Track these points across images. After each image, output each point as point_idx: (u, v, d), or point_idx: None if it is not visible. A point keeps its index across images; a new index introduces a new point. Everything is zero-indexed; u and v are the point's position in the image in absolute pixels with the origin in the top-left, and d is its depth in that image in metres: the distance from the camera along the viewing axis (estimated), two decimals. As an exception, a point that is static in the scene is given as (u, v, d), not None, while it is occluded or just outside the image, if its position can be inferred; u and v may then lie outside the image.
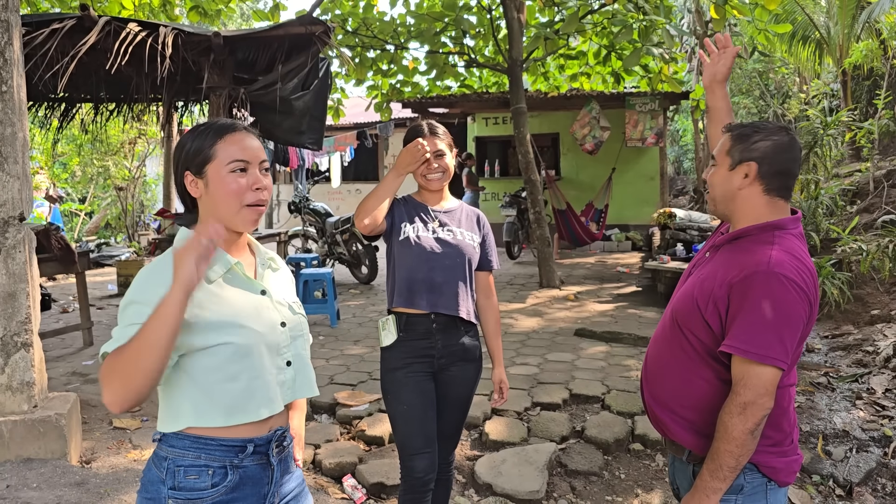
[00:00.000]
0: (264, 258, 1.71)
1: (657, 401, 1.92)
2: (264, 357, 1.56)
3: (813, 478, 3.90)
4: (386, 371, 2.66)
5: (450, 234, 2.65)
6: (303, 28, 4.62)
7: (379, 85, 11.22)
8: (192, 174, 1.58)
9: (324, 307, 7.18)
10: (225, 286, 1.56)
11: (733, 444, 1.67)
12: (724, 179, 1.86)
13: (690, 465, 1.86)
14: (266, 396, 1.56)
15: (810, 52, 13.84)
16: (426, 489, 2.62)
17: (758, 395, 1.65)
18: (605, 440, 4.15)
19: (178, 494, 1.49)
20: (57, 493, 3.18)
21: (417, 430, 2.60)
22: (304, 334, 1.70)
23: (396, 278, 2.64)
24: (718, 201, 1.89)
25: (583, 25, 8.85)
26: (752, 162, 1.80)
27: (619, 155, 12.13)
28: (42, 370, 3.67)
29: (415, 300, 2.58)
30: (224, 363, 1.50)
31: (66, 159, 13.66)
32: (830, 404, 4.73)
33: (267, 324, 1.58)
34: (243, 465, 1.54)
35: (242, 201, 1.56)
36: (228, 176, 1.55)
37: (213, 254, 1.38)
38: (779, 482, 1.79)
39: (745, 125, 1.87)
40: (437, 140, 2.62)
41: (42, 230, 5.82)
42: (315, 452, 4.01)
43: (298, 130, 5.67)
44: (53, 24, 4.03)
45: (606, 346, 6.09)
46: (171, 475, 1.50)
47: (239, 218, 1.57)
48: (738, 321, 1.68)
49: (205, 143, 1.57)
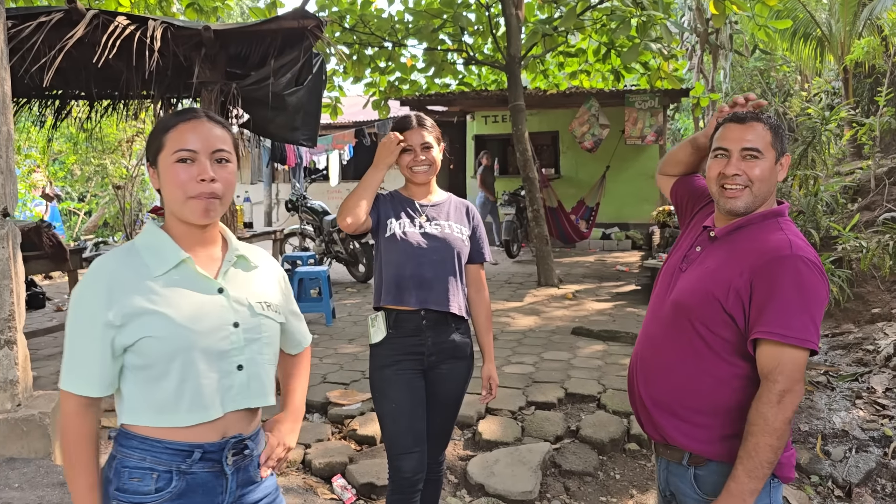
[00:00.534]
0: (232, 255, 1.62)
1: (656, 403, 1.85)
2: (198, 359, 1.46)
3: (811, 478, 3.84)
4: (375, 368, 2.61)
5: (437, 228, 2.59)
6: (295, 22, 4.53)
7: (377, 82, 11.16)
8: (150, 165, 1.55)
9: (319, 305, 7.12)
10: (168, 281, 1.49)
11: (774, 437, 1.61)
12: (771, 174, 1.79)
13: (691, 469, 1.79)
14: (198, 402, 1.46)
15: (811, 49, 13.77)
16: (414, 489, 2.56)
17: (794, 382, 1.61)
18: (600, 440, 4.09)
19: (122, 496, 1.43)
20: (38, 494, 3.12)
21: (406, 429, 2.54)
22: (263, 338, 1.58)
23: (384, 275, 2.59)
24: (761, 199, 1.79)
25: (581, 22, 8.79)
26: (787, 154, 1.81)
27: (614, 153, 12.07)
28: (26, 368, 3.61)
29: (404, 297, 2.53)
30: (151, 361, 1.44)
31: (63, 157, 13.61)
32: (830, 404, 4.66)
33: (211, 324, 1.49)
34: (192, 471, 1.46)
35: (186, 193, 1.48)
36: (172, 166, 1.49)
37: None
38: (782, 478, 1.76)
39: (764, 115, 1.82)
40: (423, 132, 2.57)
41: (33, 227, 5.77)
42: (305, 452, 3.95)
43: (292, 127, 5.60)
44: (40, 17, 3.96)
45: (604, 344, 6.02)
46: (116, 475, 1.45)
47: (186, 210, 1.50)
48: (770, 307, 1.64)
49: (158, 133, 1.52)
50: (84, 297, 1.46)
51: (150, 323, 1.43)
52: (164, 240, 1.53)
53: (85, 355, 1.45)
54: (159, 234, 1.54)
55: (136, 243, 1.55)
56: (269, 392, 1.59)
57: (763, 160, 1.76)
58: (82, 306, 1.46)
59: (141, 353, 1.44)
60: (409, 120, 2.59)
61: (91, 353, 1.44)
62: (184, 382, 1.45)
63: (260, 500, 1.59)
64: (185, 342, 1.44)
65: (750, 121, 1.78)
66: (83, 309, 1.46)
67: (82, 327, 1.45)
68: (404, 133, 2.57)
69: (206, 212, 1.50)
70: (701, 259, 1.84)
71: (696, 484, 1.79)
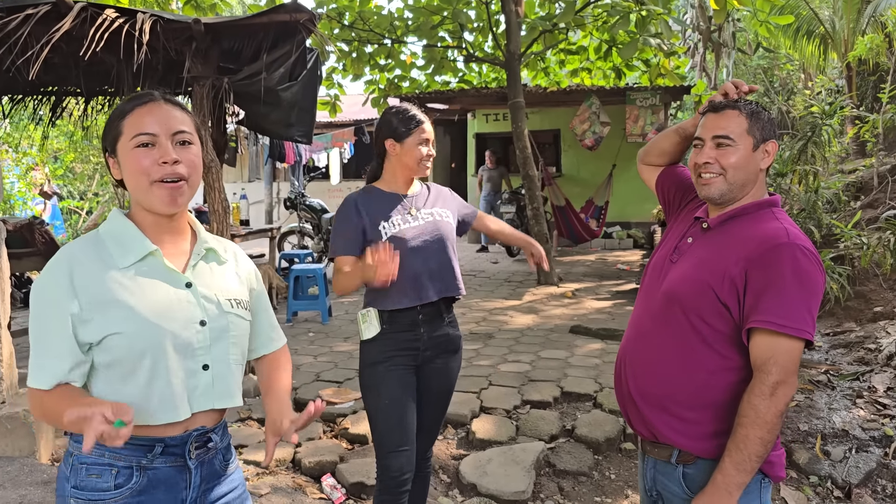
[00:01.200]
0: (201, 247, 1.55)
1: (645, 397, 1.79)
2: (169, 357, 1.40)
3: (810, 478, 3.77)
4: (366, 365, 2.54)
5: (429, 217, 2.56)
6: (287, 16, 4.48)
7: (376, 80, 11.10)
8: (109, 155, 1.47)
9: (315, 303, 7.07)
10: (135, 275, 1.42)
11: (765, 430, 1.56)
12: (747, 161, 1.73)
13: (679, 467, 1.74)
14: (168, 402, 1.41)
15: (815, 47, 13.68)
16: (403, 489, 2.51)
17: (788, 374, 1.57)
18: (595, 439, 4.02)
19: (80, 494, 1.37)
20: (21, 493, 3.07)
21: (396, 426, 2.49)
22: (230, 336, 1.51)
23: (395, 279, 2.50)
24: (738, 186, 1.74)
25: (581, 19, 8.72)
26: (773, 140, 1.75)
27: (619, 151, 11.98)
28: (11, 365, 3.56)
29: (421, 294, 2.48)
30: (119, 358, 1.37)
31: (62, 155, 13.58)
32: (830, 403, 4.58)
33: (180, 320, 1.43)
34: (153, 466, 1.40)
35: (150, 177, 1.42)
36: (132, 152, 1.42)
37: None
38: (773, 477, 1.71)
39: (747, 102, 1.77)
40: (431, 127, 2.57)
41: (26, 224, 5.74)
42: (295, 451, 3.89)
43: (287, 123, 5.54)
44: (27, 9, 3.91)
45: (602, 343, 5.96)
46: (74, 472, 1.39)
47: (151, 197, 1.43)
48: (767, 296, 1.59)
49: (115, 119, 1.45)
50: (47, 286, 1.39)
51: (117, 318, 1.37)
52: (131, 229, 1.46)
53: (54, 347, 1.37)
54: (125, 223, 1.47)
55: (101, 232, 1.47)
56: (234, 393, 1.53)
57: (736, 147, 1.72)
58: (45, 296, 1.39)
59: (108, 350, 1.37)
60: (423, 114, 2.56)
61: (60, 343, 1.36)
62: (153, 380, 1.39)
63: (226, 494, 1.54)
64: (154, 339, 1.39)
65: (724, 109, 1.76)
66: (47, 299, 1.39)
67: (48, 318, 1.38)
68: (421, 126, 2.52)
69: (172, 199, 1.44)
70: (692, 250, 1.79)
71: (684, 482, 1.74)
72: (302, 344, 6.10)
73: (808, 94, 13.36)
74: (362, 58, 10.23)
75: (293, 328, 6.71)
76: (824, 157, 6.85)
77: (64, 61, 5.10)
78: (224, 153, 6.20)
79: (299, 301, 7.14)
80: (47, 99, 6.80)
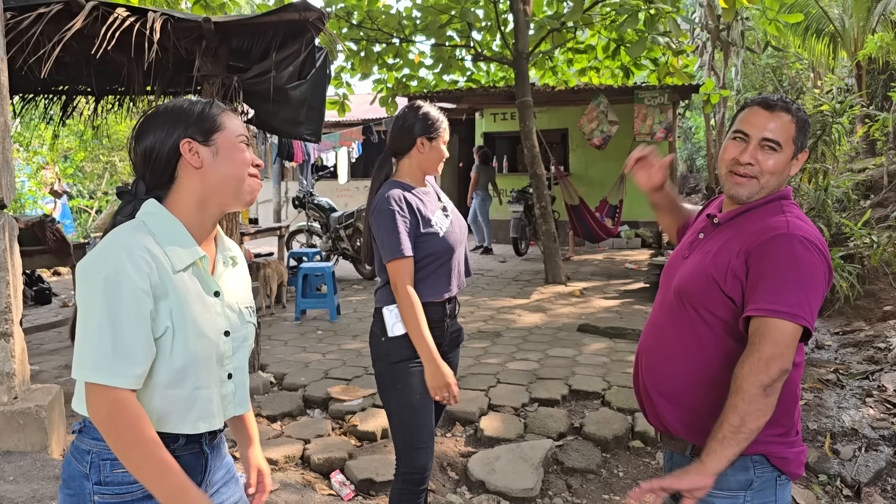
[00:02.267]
0: (225, 254, 1.56)
1: (659, 391, 1.80)
2: (213, 366, 1.43)
3: (819, 477, 3.75)
4: (395, 361, 2.48)
5: (451, 210, 2.64)
6: (296, 14, 4.49)
7: (385, 79, 11.12)
8: (197, 142, 1.44)
9: (323, 302, 7.09)
10: (186, 280, 1.41)
11: (745, 401, 1.53)
12: (784, 168, 1.73)
13: (694, 460, 1.73)
14: (207, 410, 1.44)
15: (824, 45, 13.61)
16: (424, 486, 2.52)
17: (779, 350, 1.53)
18: (603, 437, 4.02)
19: (105, 490, 1.37)
20: (33, 487, 3.09)
21: (424, 422, 2.49)
22: (246, 345, 1.56)
23: (442, 271, 2.50)
24: (767, 189, 1.73)
25: (590, 17, 8.71)
26: (806, 150, 1.76)
27: (630, 150, 11.93)
28: (24, 361, 3.59)
29: (453, 285, 2.54)
30: (169, 363, 1.37)
31: (72, 154, 13.65)
32: (839, 402, 4.57)
33: (218, 330, 1.45)
34: (176, 455, 1.41)
35: (247, 172, 1.50)
36: (238, 146, 1.48)
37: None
38: (789, 474, 1.70)
39: (794, 106, 1.74)
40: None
41: (37, 222, 5.78)
42: (304, 447, 3.91)
43: (296, 121, 5.56)
44: (39, 8, 3.94)
45: (610, 341, 5.95)
46: (95, 469, 1.37)
47: (244, 188, 1.49)
48: (761, 284, 1.59)
49: (210, 112, 1.47)
50: (123, 271, 1.29)
51: (178, 318, 1.36)
52: (181, 229, 1.43)
53: (132, 340, 1.30)
54: (173, 220, 1.43)
55: (150, 227, 1.40)
56: (248, 399, 1.59)
57: (780, 154, 1.70)
58: (123, 282, 1.29)
59: (163, 353, 1.35)
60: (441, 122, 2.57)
61: (140, 337, 1.30)
62: (198, 389, 1.41)
63: (223, 476, 1.60)
64: (203, 347, 1.39)
65: (778, 109, 1.71)
66: (125, 285, 1.29)
67: (128, 307, 1.29)
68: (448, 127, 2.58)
69: (254, 195, 1.52)
70: (703, 245, 1.80)
71: None
72: (310, 342, 6.12)
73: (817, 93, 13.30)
74: (370, 57, 10.25)
75: (301, 326, 6.73)
76: (834, 155, 6.82)
77: (75, 60, 5.13)
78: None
79: (308, 299, 7.16)
80: (58, 98, 6.85)
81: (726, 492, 1.70)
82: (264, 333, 6.26)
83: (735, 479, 1.69)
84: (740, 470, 1.68)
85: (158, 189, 1.47)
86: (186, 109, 1.47)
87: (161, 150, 1.44)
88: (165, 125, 1.45)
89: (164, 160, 1.45)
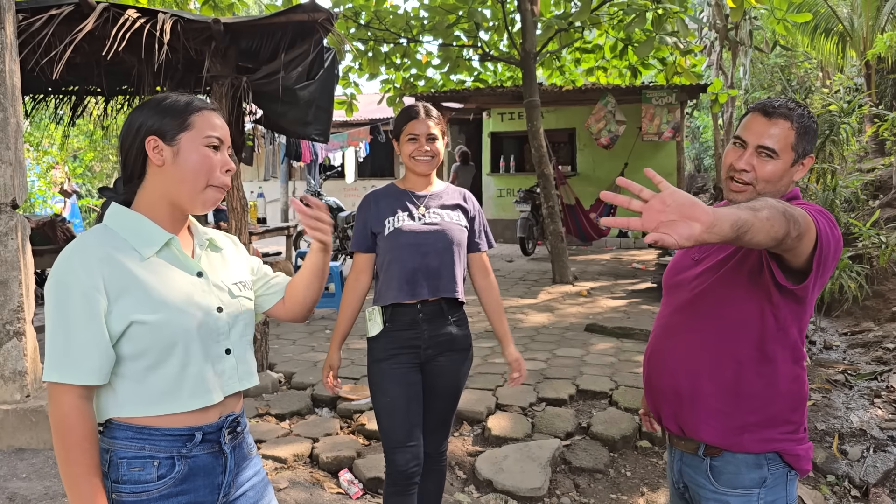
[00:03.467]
0: (202, 238, 1.58)
1: (677, 393, 1.80)
2: (196, 344, 1.44)
3: (827, 478, 3.75)
4: (371, 362, 2.59)
5: (437, 217, 2.57)
6: (305, 15, 4.52)
7: (392, 79, 11.14)
8: (162, 140, 1.45)
9: (331, 301, 7.11)
10: (156, 264, 1.44)
11: (767, 203, 1.38)
12: (782, 175, 1.71)
13: (707, 460, 1.76)
14: (201, 387, 1.45)
15: (833, 44, 13.55)
16: (410, 482, 2.55)
17: (803, 219, 1.44)
18: (611, 437, 4.03)
19: (123, 488, 1.40)
20: (45, 484, 3.13)
21: (400, 424, 2.52)
22: (244, 319, 1.57)
23: (391, 272, 2.54)
24: (770, 194, 1.68)
25: (597, 17, 8.71)
26: (811, 156, 1.73)
27: (632, 150, 11.93)
28: (36, 359, 3.62)
29: (416, 290, 2.50)
30: (147, 348, 1.39)
31: (82, 154, 13.73)
32: (847, 402, 4.56)
33: (201, 308, 1.46)
34: (192, 454, 1.44)
35: (210, 180, 1.47)
36: (204, 149, 1.46)
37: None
38: (800, 470, 1.73)
39: (798, 112, 1.70)
40: (430, 122, 2.56)
41: (48, 222, 5.83)
42: (313, 446, 3.93)
43: (304, 121, 5.59)
44: (51, 9, 3.98)
45: (617, 341, 5.96)
46: (113, 468, 1.40)
47: (201, 197, 1.48)
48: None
49: (182, 110, 1.47)
50: (71, 273, 1.35)
51: (146, 307, 1.38)
52: (144, 221, 1.46)
53: (83, 337, 1.34)
54: (135, 215, 1.47)
55: (110, 225, 1.45)
56: (254, 372, 1.60)
57: (777, 161, 1.69)
58: (71, 283, 1.35)
59: (136, 340, 1.38)
60: (417, 109, 2.57)
61: (90, 333, 1.34)
62: (186, 367, 1.43)
63: (251, 477, 1.60)
64: (185, 326, 1.42)
65: (777, 116, 1.69)
66: (73, 286, 1.35)
67: (75, 306, 1.34)
68: (410, 122, 2.55)
69: (216, 203, 1.51)
70: (716, 250, 1.79)
71: (711, 475, 1.76)
72: (318, 341, 6.14)
73: (826, 93, 13.26)
74: (378, 57, 10.28)
75: (309, 325, 6.75)
76: (842, 155, 6.80)
77: (86, 61, 5.17)
78: (242, 152, 6.26)
79: (315, 299, 7.18)
80: (68, 98, 6.89)
81: (740, 490, 1.72)
82: (273, 333, 6.28)
83: (749, 477, 1.71)
84: (754, 468, 1.71)
85: (131, 183, 1.49)
86: (164, 106, 1.48)
87: (132, 145, 1.47)
88: (139, 119, 1.47)
89: (134, 155, 1.47)
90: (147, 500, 1.40)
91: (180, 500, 1.43)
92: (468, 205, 2.68)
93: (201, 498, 1.47)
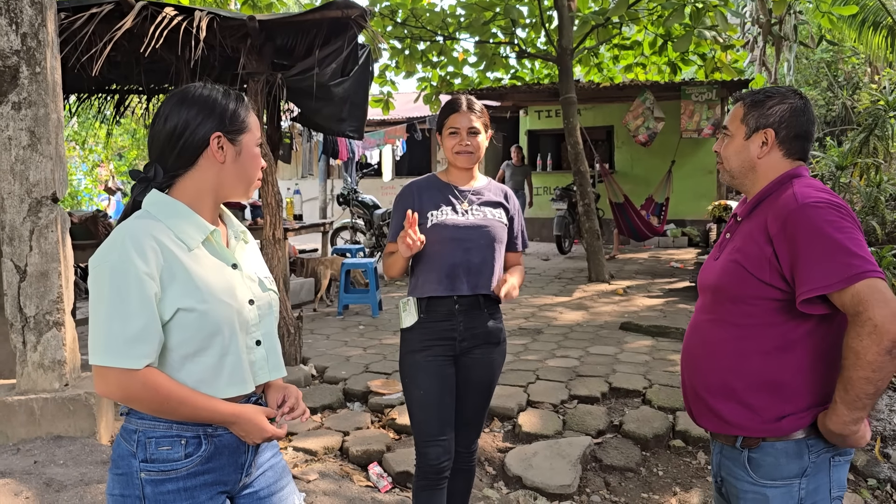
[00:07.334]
0: (236, 230, 1.63)
1: (708, 389, 1.81)
2: (237, 333, 1.48)
3: (868, 481, 3.65)
4: (405, 353, 2.58)
5: (480, 214, 2.56)
6: (339, 12, 4.55)
7: (429, 77, 11.16)
8: (226, 138, 1.50)
9: (366, 297, 7.16)
10: (200, 255, 1.48)
11: (869, 370, 1.52)
12: (739, 149, 1.84)
13: (744, 452, 1.75)
14: (238, 376, 1.50)
15: (882, 38, 13.17)
16: (440, 476, 2.54)
17: (884, 306, 1.49)
18: (643, 435, 3.97)
19: (151, 467, 1.43)
20: (81, 471, 3.20)
21: (433, 417, 2.51)
22: (273, 312, 1.63)
23: (431, 266, 2.52)
24: (736, 173, 1.86)
25: (635, 13, 8.60)
26: (769, 129, 1.79)
27: (677, 147, 11.71)
28: (75, 349, 3.71)
29: (456, 285, 2.49)
30: (190, 337, 1.43)
31: (126, 152, 14.05)
32: (891, 405, 4.42)
33: (239, 298, 1.51)
34: (218, 433, 1.48)
35: (258, 175, 1.61)
36: (256, 149, 1.58)
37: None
38: (845, 449, 1.71)
39: (757, 91, 1.84)
40: (472, 116, 2.53)
41: (90, 217, 5.97)
42: (343, 439, 3.95)
43: (339, 118, 5.64)
44: (92, 8, 4.07)
45: (652, 340, 5.88)
46: (142, 448, 1.44)
47: (249, 190, 1.59)
48: (800, 266, 1.60)
49: (241, 111, 1.54)
50: (126, 259, 1.36)
51: (192, 296, 1.41)
52: (187, 211, 1.49)
53: (140, 321, 1.36)
54: (178, 204, 1.49)
55: (155, 214, 1.46)
56: (282, 364, 1.65)
57: (731, 137, 1.85)
58: (127, 269, 1.36)
59: (181, 328, 1.42)
60: (459, 102, 2.55)
61: (147, 317, 1.37)
62: (225, 356, 1.47)
63: (270, 458, 1.65)
64: (227, 316, 1.46)
65: (736, 103, 1.89)
66: (129, 272, 1.36)
67: (133, 292, 1.35)
68: (452, 115, 2.53)
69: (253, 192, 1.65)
70: (729, 243, 1.86)
71: (749, 466, 1.75)
72: (352, 336, 6.19)
73: (874, 89, 12.89)
74: (415, 55, 10.31)
75: (344, 321, 6.80)
76: (888, 150, 6.60)
77: (126, 59, 5.29)
78: (278, 149, 6.33)
79: (350, 294, 7.24)
80: (111, 97, 7.06)
81: (780, 481, 1.71)
82: (307, 327, 6.34)
83: (788, 469, 1.70)
84: (794, 458, 1.70)
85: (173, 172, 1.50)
86: (220, 102, 1.51)
87: (191, 137, 1.48)
88: (198, 112, 1.48)
89: (193, 147, 1.49)
90: (175, 478, 1.44)
91: (206, 479, 1.47)
92: (509, 204, 2.67)
93: (226, 476, 1.51)
